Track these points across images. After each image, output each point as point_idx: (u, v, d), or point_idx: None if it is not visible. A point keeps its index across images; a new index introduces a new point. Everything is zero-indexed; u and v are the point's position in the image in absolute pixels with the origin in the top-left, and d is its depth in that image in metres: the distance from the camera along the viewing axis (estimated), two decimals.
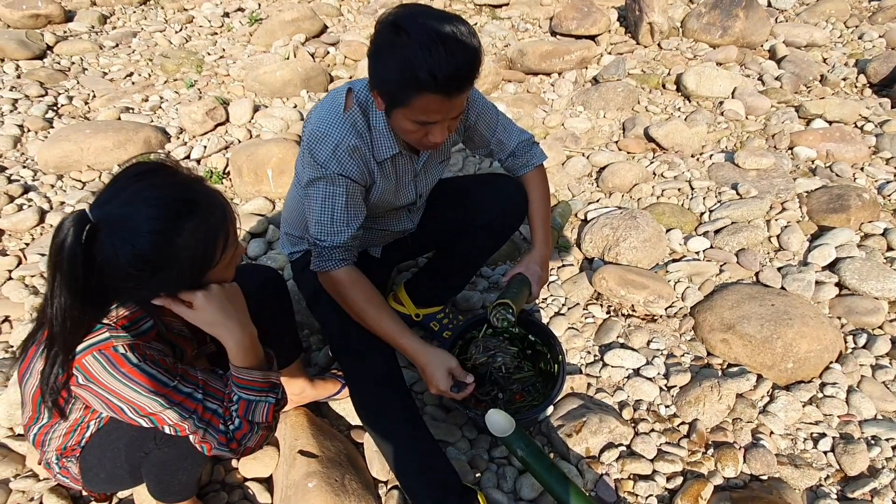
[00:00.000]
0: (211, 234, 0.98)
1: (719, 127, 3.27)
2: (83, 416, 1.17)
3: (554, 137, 3.21)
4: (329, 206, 1.40)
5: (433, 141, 1.31)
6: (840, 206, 2.51)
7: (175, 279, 0.98)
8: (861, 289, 2.16)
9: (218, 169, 2.97)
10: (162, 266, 0.94)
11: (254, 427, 1.10)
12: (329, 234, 1.41)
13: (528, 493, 1.58)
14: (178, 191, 0.96)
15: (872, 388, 1.86)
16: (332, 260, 1.44)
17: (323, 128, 1.38)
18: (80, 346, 0.98)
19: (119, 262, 0.92)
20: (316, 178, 1.39)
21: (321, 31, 4.44)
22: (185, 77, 3.90)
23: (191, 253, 0.95)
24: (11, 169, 2.94)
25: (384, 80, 1.23)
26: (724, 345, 1.97)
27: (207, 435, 1.06)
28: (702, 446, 1.70)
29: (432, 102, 1.20)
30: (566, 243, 2.52)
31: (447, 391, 1.37)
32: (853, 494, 1.57)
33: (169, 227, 0.92)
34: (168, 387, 1.02)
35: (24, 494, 1.54)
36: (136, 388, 0.99)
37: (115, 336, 0.99)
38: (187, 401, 1.04)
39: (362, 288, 1.45)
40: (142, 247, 0.91)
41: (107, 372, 0.97)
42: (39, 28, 4.35)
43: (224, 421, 1.08)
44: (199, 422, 1.05)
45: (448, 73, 1.14)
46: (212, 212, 0.98)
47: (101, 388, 0.98)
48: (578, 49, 3.89)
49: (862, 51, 4.03)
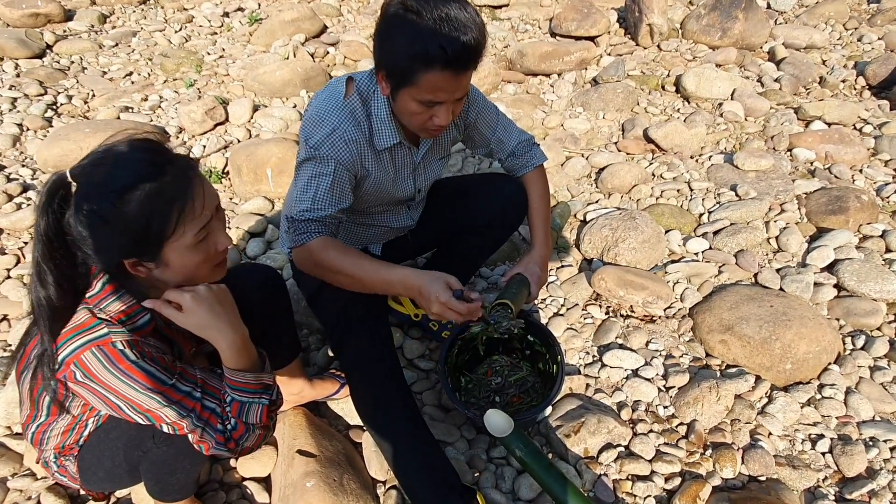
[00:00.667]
0: (166, 203, 0.95)
1: (718, 128, 3.27)
2: (81, 413, 1.17)
3: (553, 138, 3.21)
4: (314, 185, 1.38)
5: (437, 123, 1.31)
6: (839, 208, 2.51)
7: (126, 241, 0.96)
8: (859, 290, 2.16)
9: (217, 168, 2.97)
10: (111, 224, 0.93)
11: (249, 427, 1.09)
12: (309, 210, 1.38)
13: (527, 493, 1.58)
14: (145, 157, 0.97)
15: (871, 390, 1.86)
16: (308, 232, 1.39)
17: (321, 114, 1.39)
18: (78, 342, 0.97)
19: (77, 216, 0.94)
20: (305, 158, 1.39)
21: (321, 32, 4.44)
22: (184, 77, 3.90)
23: (142, 217, 0.94)
24: (10, 168, 2.94)
25: (392, 58, 1.24)
26: (723, 346, 1.97)
27: (205, 434, 1.06)
28: (700, 447, 1.70)
29: (440, 79, 1.22)
30: (565, 244, 2.52)
31: (449, 301, 1.24)
32: (851, 496, 1.57)
33: (123, 186, 0.93)
34: (166, 385, 1.01)
35: (21, 493, 1.54)
36: (134, 386, 0.98)
37: (114, 332, 0.98)
38: (185, 399, 1.04)
39: (337, 246, 1.39)
40: (94, 201, 0.93)
41: (105, 369, 0.97)
42: (39, 27, 4.35)
43: (222, 420, 1.08)
44: (198, 420, 1.05)
45: (458, 48, 1.17)
46: (174, 183, 0.97)
47: (99, 384, 0.98)
48: (578, 50, 3.90)
49: (861, 53, 4.04)
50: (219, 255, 1.09)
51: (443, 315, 1.27)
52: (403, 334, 2.06)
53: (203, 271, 1.07)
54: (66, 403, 1.11)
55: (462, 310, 1.25)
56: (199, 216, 1.00)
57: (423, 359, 1.99)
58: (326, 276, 1.41)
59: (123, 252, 0.98)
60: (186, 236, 1.00)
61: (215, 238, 1.06)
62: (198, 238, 1.01)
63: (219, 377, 1.12)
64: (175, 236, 0.98)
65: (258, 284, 1.48)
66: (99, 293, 1.02)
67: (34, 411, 1.16)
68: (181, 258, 1.01)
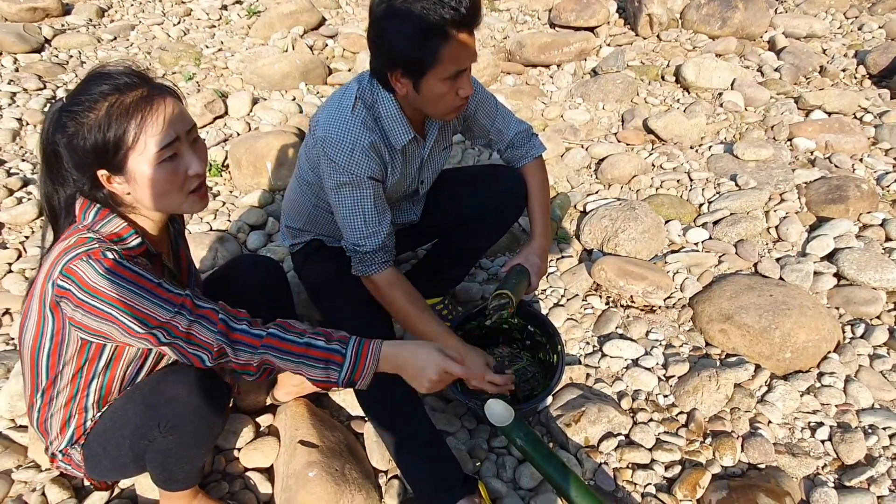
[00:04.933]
0: (125, 113, 1.00)
1: (718, 118, 3.27)
2: (71, 394, 1.18)
3: (553, 129, 3.21)
4: (360, 211, 1.43)
5: (465, 94, 1.34)
6: (839, 197, 2.51)
7: (92, 149, 1.01)
8: (859, 279, 2.16)
9: (217, 162, 2.97)
10: (81, 134, 1.01)
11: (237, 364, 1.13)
12: (365, 237, 1.45)
13: (528, 482, 1.59)
14: (121, 75, 1.03)
15: (870, 378, 1.86)
16: (374, 263, 1.48)
17: (336, 131, 1.40)
18: (70, 254, 1.01)
19: (56, 128, 1.03)
20: (340, 183, 1.41)
21: (320, 24, 4.43)
22: (183, 70, 3.89)
23: (103, 125, 1.00)
24: (11, 162, 2.94)
25: (405, 48, 1.25)
26: (723, 335, 1.98)
27: (200, 329, 1.07)
28: (700, 435, 1.71)
29: (460, 43, 1.24)
30: (565, 235, 2.52)
31: (489, 376, 1.43)
32: (850, 483, 1.58)
33: (93, 97, 1.00)
34: (153, 282, 1.04)
35: (26, 485, 1.55)
36: (125, 286, 1.01)
37: (105, 246, 1.03)
38: (174, 297, 1.06)
39: (405, 290, 1.50)
40: (68, 111, 1.01)
41: (96, 273, 1.00)
42: (37, 21, 4.34)
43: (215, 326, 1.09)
44: (191, 316, 1.07)
45: (468, 3, 1.20)
46: (139, 98, 1.02)
47: (91, 293, 1.00)
48: (577, 41, 3.88)
49: (861, 42, 4.02)
50: (191, 181, 1.10)
51: (481, 387, 1.44)
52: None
53: (174, 194, 1.09)
54: (62, 352, 1.13)
55: (500, 381, 1.44)
56: (160, 132, 1.03)
57: None
58: (387, 307, 1.53)
59: (94, 161, 1.03)
60: (149, 150, 1.02)
61: (186, 161, 1.08)
62: (162, 155, 1.04)
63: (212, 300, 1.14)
64: (136, 148, 1.02)
65: (260, 277, 1.49)
66: (92, 221, 1.08)
67: (35, 382, 1.18)
68: (146, 173, 1.04)
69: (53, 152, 1.06)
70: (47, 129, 1.04)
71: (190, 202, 1.12)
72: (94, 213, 1.08)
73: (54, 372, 1.15)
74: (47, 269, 1.05)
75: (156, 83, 1.07)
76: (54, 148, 1.05)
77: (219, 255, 2.32)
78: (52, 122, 1.04)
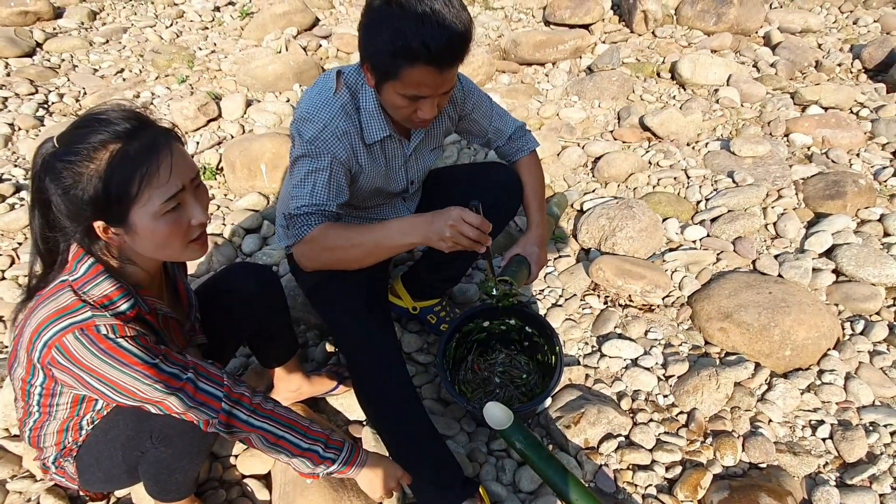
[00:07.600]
0: (130, 164, 0.95)
1: (714, 115, 3.26)
2: (72, 414, 1.16)
3: (549, 128, 3.19)
4: (310, 181, 1.37)
5: (422, 117, 1.30)
6: (836, 193, 2.50)
7: (92, 201, 0.96)
8: (858, 275, 2.15)
9: (211, 165, 2.95)
10: (78, 183, 0.94)
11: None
12: (307, 205, 1.37)
13: (528, 485, 1.58)
14: (120, 121, 0.97)
15: (870, 375, 1.86)
16: (308, 225, 1.37)
17: (312, 110, 1.37)
18: (61, 324, 0.96)
19: (50, 176, 0.96)
20: (300, 154, 1.38)
21: (313, 24, 4.40)
22: (176, 72, 3.87)
23: (105, 176, 0.94)
24: (3, 168, 2.91)
25: (376, 52, 1.23)
26: (722, 333, 1.97)
27: (199, 413, 1.07)
28: (700, 435, 1.70)
29: (424, 75, 1.20)
30: (562, 234, 2.51)
31: (463, 211, 1.24)
32: (852, 481, 1.57)
33: (92, 145, 0.94)
34: (148, 363, 1.00)
35: (21, 495, 1.53)
36: (117, 367, 0.98)
37: (97, 315, 0.98)
38: (171, 380, 1.03)
39: (338, 225, 1.38)
40: (65, 159, 0.94)
41: (88, 351, 0.96)
42: (28, 25, 4.30)
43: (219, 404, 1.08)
44: (191, 401, 1.05)
45: (441, 44, 1.15)
46: (142, 148, 0.97)
47: (82, 368, 0.97)
48: (572, 38, 3.87)
49: (857, 36, 4.01)
50: (193, 230, 1.07)
51: (457, 233, 1.23)
52: (402, 328, 2.06)
53: (175, 245, 1.05)
54: (54, 393, 1.10)
55: (476, 220, 1.23)
56: (166, 183, 0.99)
57: (421, 352, 1.99)
58: (336, 256, 1.37)
59: (91, 213, 0.97)
60: (153, 202, 0.98)
61: (189, 211, 1.05)
62: (166, 207, 1.00)
63: (213, 366, 1.12)
64: (140, 200, 0.97)
65: (254, 285, 1.47)
66: (83, 276, 1.02)
67: (27, 409, 1.15)
68: (149, 226, 1.00)
69: (46, 200, 0.99)
70: (39, 175, 0.98)
71: (190, 251, 1.09)
72: (85, 268, 1.02)
73: (46, 411, 1.14)
74: (36, 326, 0.98)
75: (157, 126, 1.03)
76: (46, 196, 0.98)
77: (213, 259, 2.30)
78: (45, 169, 0.96)
